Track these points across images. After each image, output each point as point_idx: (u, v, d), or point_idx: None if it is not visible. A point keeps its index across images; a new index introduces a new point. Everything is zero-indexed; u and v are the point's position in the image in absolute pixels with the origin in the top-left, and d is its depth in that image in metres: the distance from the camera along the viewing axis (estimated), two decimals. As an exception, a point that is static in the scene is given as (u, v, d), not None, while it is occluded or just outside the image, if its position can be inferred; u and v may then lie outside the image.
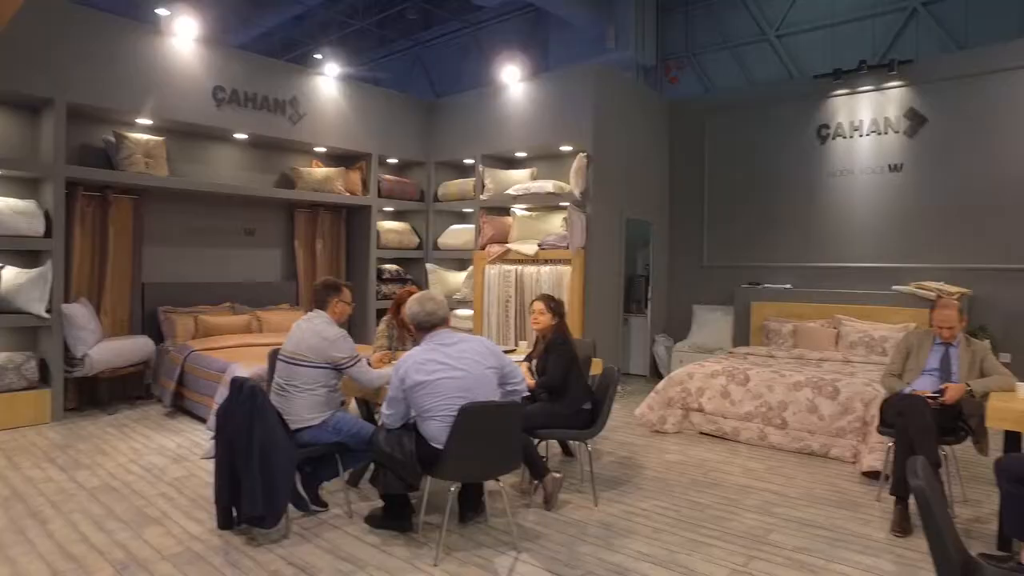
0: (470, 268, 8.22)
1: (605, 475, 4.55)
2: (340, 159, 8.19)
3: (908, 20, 8.79)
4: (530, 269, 7.48)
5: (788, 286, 7.45)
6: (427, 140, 8.77)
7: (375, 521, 3.58)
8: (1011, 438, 3.50)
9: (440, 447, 3.17)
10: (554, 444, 5.04)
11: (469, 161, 8.44)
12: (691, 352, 7.47)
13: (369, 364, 3.98)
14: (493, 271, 7.79)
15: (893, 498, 3.75)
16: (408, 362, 3.23)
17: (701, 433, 5.57)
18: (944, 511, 2.15)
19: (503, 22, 12.16)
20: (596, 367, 4.71)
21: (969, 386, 3.85)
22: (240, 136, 7.15)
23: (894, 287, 6.68)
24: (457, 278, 8.50)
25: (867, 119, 7.26)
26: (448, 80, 12.79)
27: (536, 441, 4.05)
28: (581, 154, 7.17)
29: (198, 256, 7.26)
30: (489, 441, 3.20)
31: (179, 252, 7.10)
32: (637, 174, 7.96)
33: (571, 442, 4.88)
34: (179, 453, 4.92)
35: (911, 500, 3.71)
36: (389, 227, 8.48)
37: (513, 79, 7.88)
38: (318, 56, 7.80)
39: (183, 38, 6.47)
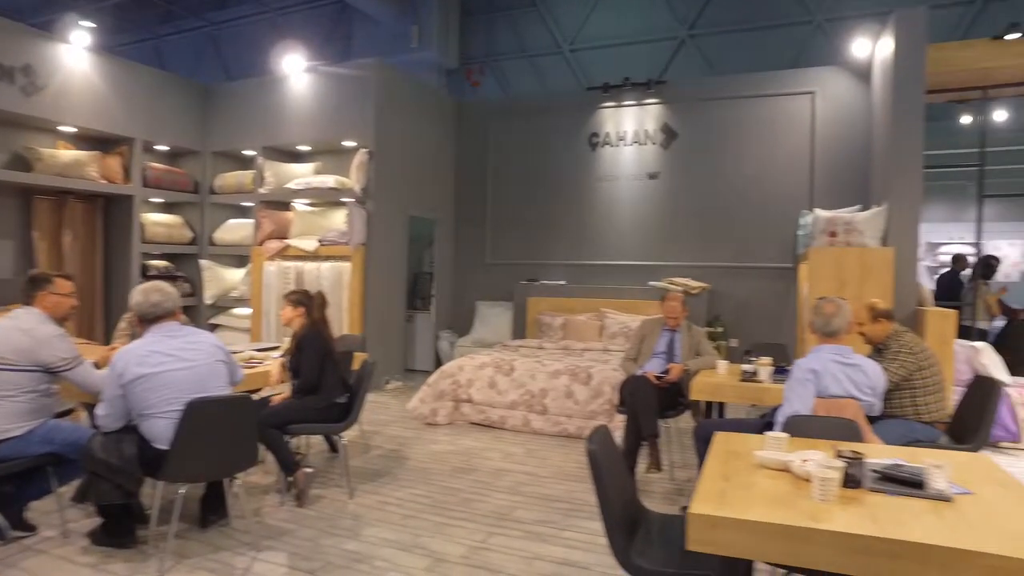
0: (248, 265, 7.79)
1: (369, 468, 4.54)
2: (96, 142, 7.32)
3: (679, 47, 9.95)
4: (311, 266, 7.27)
5: (563, 282, 7.98)
6: (203, 128, 8.16)
7: (96, 538, 3.24)
8: (715, 409, 4.04)
9: (165, 448, 2.95)
10: (320, 441, 4.93)
11: (249, 152, 7.99)
12: (473, 347, 7.70)
13: (97, 366, 3.60)
14: (272, 268, 7.46)
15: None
16: (127, 356, 2.96)
17: (471, 423, 5.77)
18: (620, 470, 2.42)
19: (306, 11, 11.70)
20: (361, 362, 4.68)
21: (687, 366, 4.39)
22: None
23: (650, 283, 7.42)
24: (235, 275, 8.01)
25: (630, 130, 7.99)
26: (244, 66, 11.94)
27: (289, 437, 3.93)
28: (362, 150, 7.11)
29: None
30: (221, 437, 3.04)
31: None
32: (422, 172, 8.06)
33: (335, 438, 4.80)
34: None
35: (639, 467, 4.15)
36: (157, 220, 7.76)
37: (296, 69, 7.60)
38: (85, 25, 6.86)
39: None
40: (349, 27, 11.24)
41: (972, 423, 3.66)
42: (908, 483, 1.99)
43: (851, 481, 1.99)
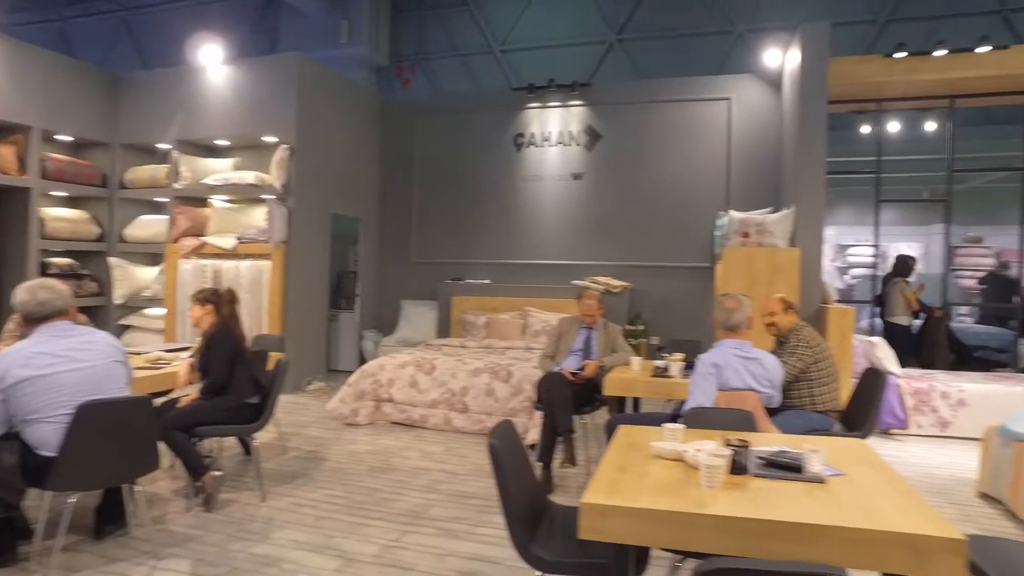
0: (162, 263, 7.48)
1: (284, 470, 4.44)
2: (-15, 130, 6.87)
3: (608, 51, 10.16)
4: (229, 264, 7.04)
5: (487, 281, 8.01)
6: (113, 118, 7.78)
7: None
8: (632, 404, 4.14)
9: (53, 454, 2.79)
10: (234, 443, 4.79)
11: (163, 146, 7.67)
12: (398, 346, 7.64)
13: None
14: (188, 266, 7.19)
15: (542, 464, 4.20)
16: (7, 358, 2.78)
17: (392, 423, 5.72)
18: (522, 464, 2.46)
19: (230, 1, 11.29)
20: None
21: (602, 362, 4.49)
22: None
23: (573, 282, 7.54)
24: (147, 274, 7.67)
25: (555, 131, 8.10)
26: (161, 55, 11.38)
27: (197, 440, 3.80)
28: (283, 146, 6.94)
29: None
30: (116, 442, 2.90)
31: None
32: (346, 170, 7.93)
33: (247, 439, 4.67)
34: None
35: (554, 463, 4.21)
36: (59, 215, 7.34)
37: (214, 60, 7.35)
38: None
39: None
40: (276, 20, 10.94)
41: (862, 412, 3.90)
42: (788, 468, 2.11)
43: (738, 468, 2.09)
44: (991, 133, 8.53)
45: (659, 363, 4.09)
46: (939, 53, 6.22)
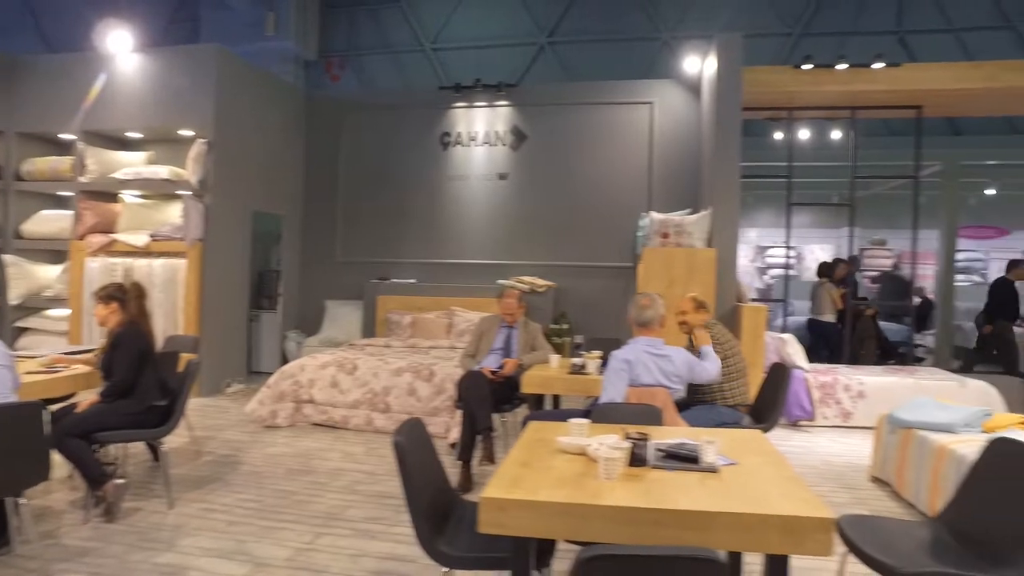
0: (66, 261, 7.08)
1: (196, 475, 4.30)
2: None
3: (539, 53, 10.27)
4: (141, 262, 6.74)
5: (413, 281, 7.96)
6: (6, 105, 7.30)
7: None
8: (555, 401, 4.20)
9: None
10: (142, 449, 4.59)
11: (67, 136, 7.26)
12: (322, 347, 7.49)
13: None
14: (95, 265, 6.84)
15: (462, 462, 4.21)
16: None
17: (313, 424, 5.61)
18: (429, 461, 2.47)
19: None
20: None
21: (522, 361, 4.54)
22: None
23: (498, 281, 7.57)
24: (49, 273, 7.25)
25: (481, 131, 8.12)
26: (68, 40, 10.74)
27: (97, 447, 3.62)
28: (200, 140, 6.70)
29: None
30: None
31: None
32: (268, 166, 7.72)
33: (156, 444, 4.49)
34: None
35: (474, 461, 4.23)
36: (-50, 209, 6.86)
37: (123, 48, 7.01)
38: None
39: None
40: (196, 9, 10.54)
41: (769, 405, 4.10)
42: (685, 459, 2.19)
43: (637, 460, 2.16)
44: (891, 143, 9.07)
45: (577, 361, 4.17)
46: (841, 67, 6.60)
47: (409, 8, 10.53)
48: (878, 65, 6.56)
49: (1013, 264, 7.91)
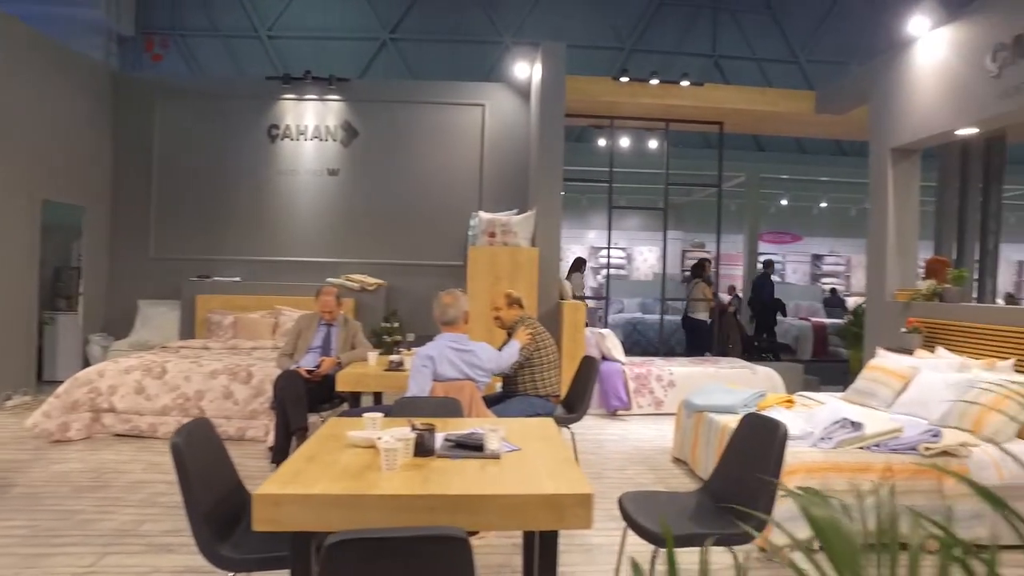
0: None
1: (-46, 502, 3.78)
2: None
3: (381, 49, 10.10)
4: (-102, 257, 5.82)
5: (237, 279, 7.54)
6: None
7: None
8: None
9: None
10: None
11: None
12: (132, 350, 6.87)
13: None
14: None
15: (276, 464, 4.06)
16: None
17: (114, 435, 5.14)
18: (216, 463, 2.37)
19: None
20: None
21: (339, 359, 4.47)
22: None
23: (328, 279, 7.38)
24: None
25: (311, 125, 7.88)
26: None
27: None
28: (-25, 118, 5.91)
29: None
30: None
31: None
32: (63, 151, 6.95)
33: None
34: None
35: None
36: None
37: None
38: None
39: None
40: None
41: (579, 395, 4.35)
42: (471, 447, 2.28)
43: (423, 450, 2.22)
44: (704, 155, 9.99)
45: (394, 358, 4.18)
46: (654, 82, 7.16)
47: (244, -12, 10.00)
48: (685, 83, 7.20)
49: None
